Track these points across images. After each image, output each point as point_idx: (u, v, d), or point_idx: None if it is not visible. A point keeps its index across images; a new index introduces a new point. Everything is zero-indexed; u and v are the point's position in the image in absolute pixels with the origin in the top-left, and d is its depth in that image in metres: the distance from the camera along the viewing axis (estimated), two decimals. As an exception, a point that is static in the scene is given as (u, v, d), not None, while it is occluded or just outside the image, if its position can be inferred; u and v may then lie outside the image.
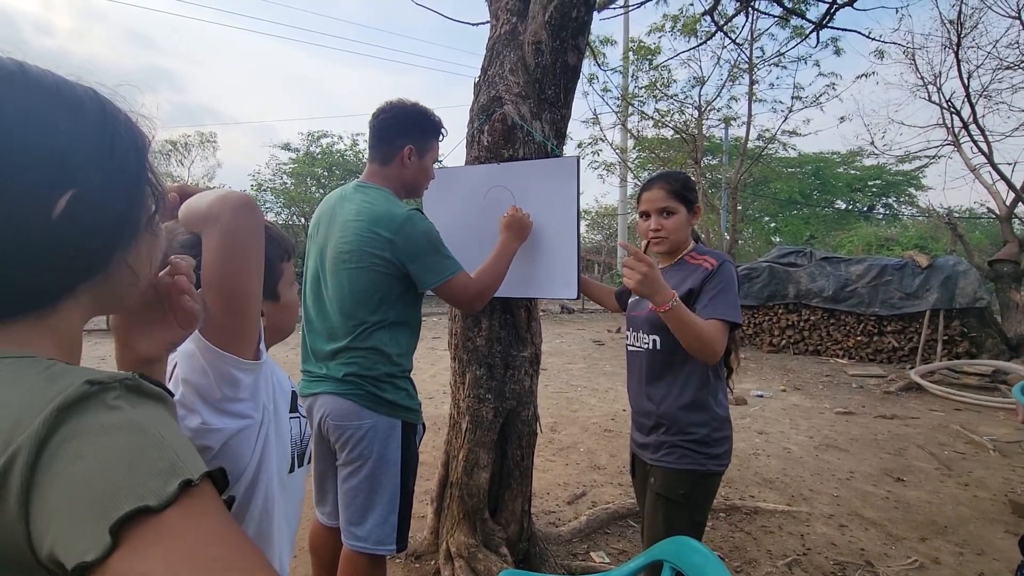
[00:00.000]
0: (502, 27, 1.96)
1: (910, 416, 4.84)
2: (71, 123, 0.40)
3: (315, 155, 17.21)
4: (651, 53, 10.89)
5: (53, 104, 0.40)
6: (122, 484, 0.32)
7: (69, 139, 0.40)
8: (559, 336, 10.00)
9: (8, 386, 0.36)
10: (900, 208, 21.11)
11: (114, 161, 0.43)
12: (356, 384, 1.39)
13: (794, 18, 6.93)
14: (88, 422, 0.34)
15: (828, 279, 7.88)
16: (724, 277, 1.36)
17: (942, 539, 2.58)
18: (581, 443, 3.95)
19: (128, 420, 0.35)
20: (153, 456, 0.34)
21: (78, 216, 0.41)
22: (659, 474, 1.44)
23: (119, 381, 0.37)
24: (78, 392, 0.34)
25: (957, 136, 8.83)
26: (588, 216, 23.71)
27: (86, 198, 0.41)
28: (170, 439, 0.36)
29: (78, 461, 0.32)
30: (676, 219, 1.46)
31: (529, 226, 1.71)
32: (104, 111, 0.43)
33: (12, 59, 0.40)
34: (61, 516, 0.31)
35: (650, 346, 1.46)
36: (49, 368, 0.37)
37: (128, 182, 0.45)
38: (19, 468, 0.32)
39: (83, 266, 0.43)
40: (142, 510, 0.31)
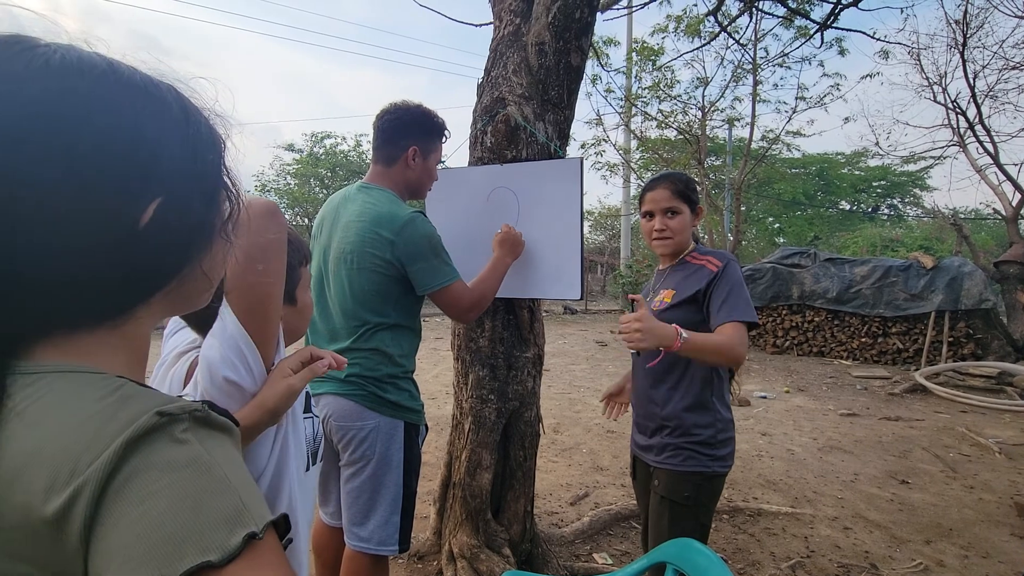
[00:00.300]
0: (505, 28, 1.96)
1: (915, 418, 4.82)
2: (158, 127, 0.39)
3: (319, 156, 17.27)
4: (655, 54, 10.88)
5: (142, 107, 0.38)
6: (186, 533, 0.31)
7: (157, 145, 0.38)
8: (562, 337, 9.99)
9: (75, 406, 0.34)
10: (905, 209, 21.03)
11: (196, 165, 0.41)
12: (359, 385, 1.40)
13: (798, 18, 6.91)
14: (155, 458, 0.33)
15: (832, 280, 7.85)
16: (732, 278, 1.36)
17: (947, 542, 2.57)
18: (584, 444, 3.95)
19: (194, 457, 0.34)
20: (218, 502, 0.33)
21: (164, 224, 0.39)
22: (663, 476, 1.44)
23: (188, 412, 0.36)
24: (148, 423, 0.33)
25: (963, 137, 8.79)
26: (591, 217, 23.68)
27: (172, 205, 0.39)
28: (235, 480, 0.34)
29: (144, 502, 0.31)
30: (681, 219, 1.46)
31: (522, 244, 1.73)
32: (187, 112, 0.41)
33: (101, 55, 0.38)
34: (120, 559, 0.30)
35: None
36: (119, 389, 0.36)
37: (208, 186, 0.43)
38: (84, 502, 0.31)
39: (163, 274, 0.42)
40: (203, 566, 0.30)
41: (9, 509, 0.32)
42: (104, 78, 0.36)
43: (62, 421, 0.34)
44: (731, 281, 1.35)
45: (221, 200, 0.45)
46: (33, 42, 0.35)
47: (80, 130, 0.35)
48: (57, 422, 0.34)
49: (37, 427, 0.34)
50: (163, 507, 0.31)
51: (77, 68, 0.36)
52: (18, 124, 0.33)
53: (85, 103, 0.35)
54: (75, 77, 0.35)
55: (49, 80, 0.34)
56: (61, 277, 0.36)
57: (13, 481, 0.32)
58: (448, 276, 1.44)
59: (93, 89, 0.36)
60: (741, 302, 1.33)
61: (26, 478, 0.32)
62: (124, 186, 0.37)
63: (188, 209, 0.41)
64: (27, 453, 0.33)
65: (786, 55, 10.08)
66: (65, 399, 0.35)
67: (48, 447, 0.33)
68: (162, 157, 0.38)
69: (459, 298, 1.47)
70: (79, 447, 0.32)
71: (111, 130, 0.36)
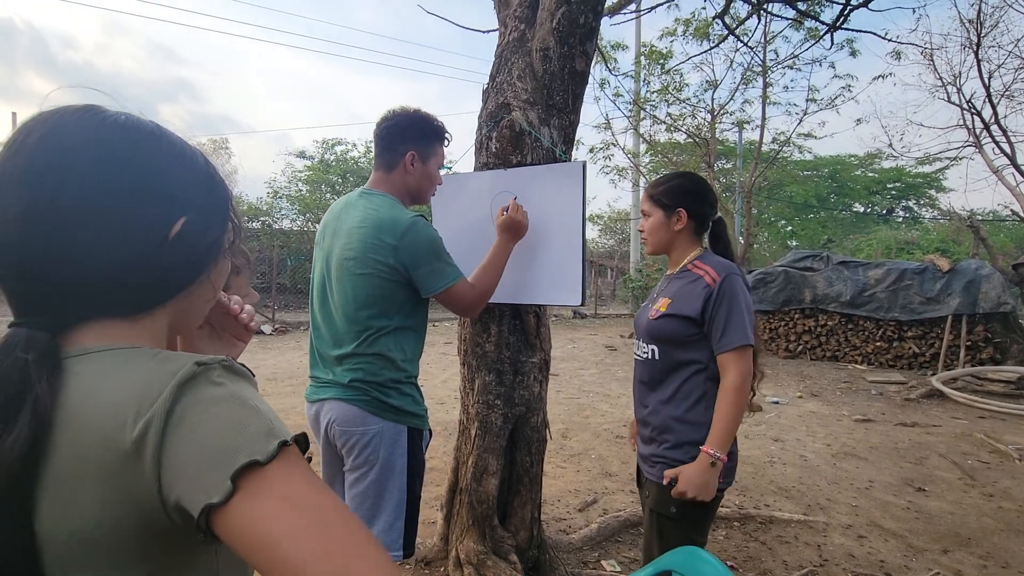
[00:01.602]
0: (510, 34, 1.97)
1: (932, 424, 4.72)
2: (186, 170, 0.53)
3: (329, 162, 17.44)
4: (663, 57, 10.86)
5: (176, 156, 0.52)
6: (235, 444, 0.41)
7: (184, 181, 0.52)
8: (571, 341, 9.96)
9: (128, 368, 0.45)
10: (920, 211, 20.71)
11: (211, 197, 0.55)
12: (362, 390, 1.40)
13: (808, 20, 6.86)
14: (201, 395, 0.43)
15: (846, 284, 7.74)
16: (730, 295, 1.33)
17: (965, 551, 2.51)
18: (592, 450, 3.92)
19: (231, 393, 0.44)
20: (255, 422, 0.43)
21: (187, 237, 0.51)
22: (652, 489, 1.42)
23: (218, 363, 0.46)
24: (191, 371, 0.44)
25: (979, 137, 8.65)
26: (601, 221, 23.64)
27: (194, 223, 0.52)
28: (263, 409, 0.45)
29: (199, 427, 0.42)
30: (651, 222, 1.48)
31: (526, 225, 1.68)
32: (207, 164, 0.56)
33: (152, 122, 0.53)
34: (188, 470, 0.40)
35: (649, 355, 1.45)
36: (158, 354, 0.47)
37: (219, 216, 0.56)
38: (154, 431, 0.41)
39: (182, 278, 0.53)
40: (253, 463, 0.40)
41: (93, 449, 0.41)
42: (151, 136, 0.51)
43: (121, 378, 0.44)
44: (730, 300, 1.32)
45: (228, 228, 0.58)
46: (103, 110, 0.50)
47: (131, 165, 0.48)
48: (117, 379, 0.44)
49: (100, 386, 0.44)
50: (215, 429, 0.42)
51: (134, 127, 0.50)
52: (94, 165, 0.47)
53: (138, 152, 0.49)
54: (132, 133, 0.50)
55: (115, 135, 0.48)
56: (111, 275, 0.48)
57: (90, 427, 0.42)
58: (451, 276, 1.44)
59: (145, 143, 0.50)
60: (737, 325, 1.31)
61: (101, 422, 0.42)
62: (160, 207, 0.50)
63: (204, 229, 0.54)
64: (98, 404, 0.42)
65: (796, 57, 10.01)
66: (117, 364, 0.45)
67: (115, 397, 0.43)
68: (187, 189, 0.52)
69: (463, 295, 1.48)
70: (140, 393, 0.42)
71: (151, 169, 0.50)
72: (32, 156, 0.45)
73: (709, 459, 1.30)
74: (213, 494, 0.39)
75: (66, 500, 0.41)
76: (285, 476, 0.41)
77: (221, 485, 0.39)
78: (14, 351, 0.44)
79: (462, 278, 1.47)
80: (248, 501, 0.40)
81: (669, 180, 1.49)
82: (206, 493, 0.39)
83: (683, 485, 1.31)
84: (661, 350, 1.42)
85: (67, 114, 0.48)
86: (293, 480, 0.42)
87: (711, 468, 1.30)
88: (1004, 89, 8.24)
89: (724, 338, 1.32)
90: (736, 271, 1.38)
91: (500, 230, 1.65)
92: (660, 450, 1.41)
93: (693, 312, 1.35)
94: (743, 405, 1.31)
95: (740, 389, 1.30)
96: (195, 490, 0.40)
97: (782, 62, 10.44)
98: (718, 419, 1.31)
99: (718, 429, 1.31)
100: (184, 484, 0.40)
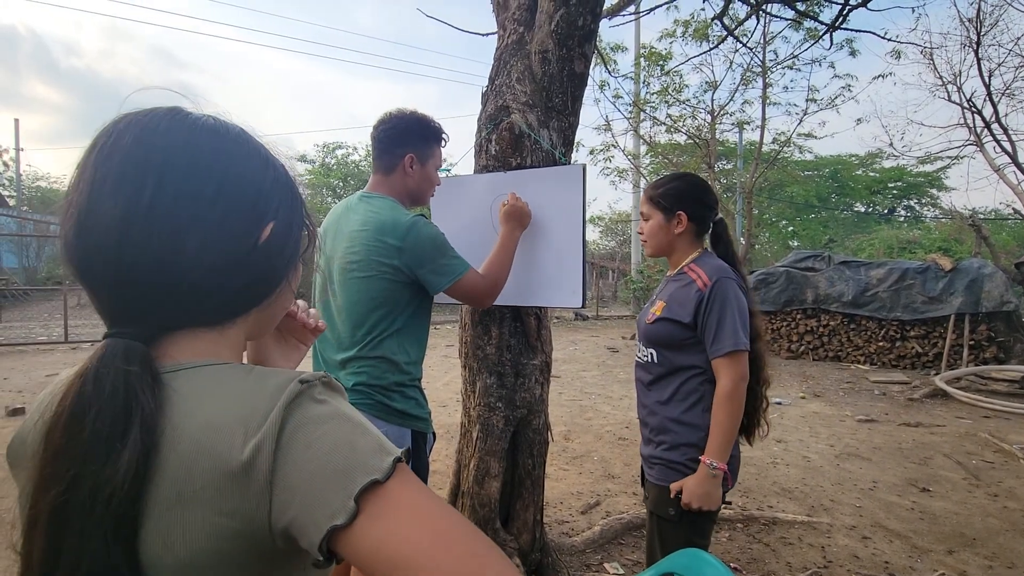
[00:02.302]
0: (509, 37, 1.97)
1: (936, 424, 4.70)
2: (272, 174, 0.52)
3: (330, 166, 17.49)
4: (662, 59, 10.87)
5: (261, 158, 0.52)
6: (351, 464, 0.40)
7: (270, 183, 0.52)
8: (573, 343, 9.95)
9: (227, 387, 0.44)
10: (922, 210, 20.67)
11: (293, 201, 0.54)
12: (365, 394, 1.40)
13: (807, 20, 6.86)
14: (309, 414, 0.42)
15: (847, 283, 7.72)
16: (720, 299, 1.31)
17: (970, 552, 2.49)
18: (595, 452, 3.91)
19: (336, 411, 0.44)
20: (366, 440, 0.43)
21: (274, 242, 0.51)
22: (652, 490, 1.42)
23: (318, 379, 0.45)
24: (296, 389, 0.43)
25: (979, 136, 8.64)
26: (601, 222, 23.64)
27: (280, 228, 0.52)
28: (369, 425, 0.44)
29: (311, 447, 0.41)
30: (650, 224, 1.47)
31: (529, 214, 1.70)
32: (285, 166, 0.55)
33: (238, 125, 0.52)
34: (305, 492, 0.40)
35: (648, 359, 1.45)
36: (252, 371, 0.46)
37: (298, 216, 0.55)
38: (266, 452, 0.40)
39: (269, 284, 0.53)
40: (373, 483, 0.40)
41: (200, 471, 0.40)
42: (240, 140, 0.51)
43: (222, 397, 0.43)
44: (720, 304, 1.31)
45: (304, 233, 0.57)
46: (190, 112, 0.49)
47: (225, 170, 0.48)
48: (218, 399, 0.43)
49: (202, 406, 0.43)
50: (328, 448, 0.41)
51: (224, 131, 0.50)
52: (188, 169, 0.46)
53: (230, 157, 0.49)
54: (223, 137, 0.49)
55: (207, 139, 0.48)
56: (205, 282, 0.47)
57: (198, 450, 0.41)
58: (458, 270, 1.44)
59: (234, 147, 0.50)
60: (727, 330, 1.29)
61: (208, 444, 0.41)
62: (251, 211, 0.49)
63: (289, 231, 0.53)
64: (202, 426, 0.41)
65: (796, 57, 10.01)
66: (215, 382, 0.45)
67: (220, 418, 0.42)
68: (274, 192, 0.52)
69: (474, 286, 1.47)
70: (247, 413, 0.41)
71: (244, 172, 0.50)
72: (127, 158, 0.45)
73: (708, 469, 1.29)
74: (337, 516, 0.39)
75: (170, 525, 0.40)
76: (404, 492, 0.41)
77: (344, 506, 0.39)
78: (114, 362, 0.42)
79: (470, 269, 1.47)
80: (374, 521, 0.39)
81: (669, 182, 1.48)
82: (329, 515, 0.39)
83: (687, 497, 1.31)
84: (659, 353, 1.41)
85: (157, 117, 0.47)
86: (412, 495, 0.41)
87: (711, 479, 1.29)
88: (1005, 87, 8.23)
89: (715, 343, 1.31)
90: (728, 274, 1.35)
91: (503, 220, 1.66)
92: (658, 451, 1.41)
93: (685, 316, 1.35)
94: (738, 411, 1.30)
95: (733, 395, 1.29)
96: (315, 512, 0.39)
97: (782, 62, 10.46)
98: (714, 428, 1.30)
99: (715, 438, 1.30)
100: (300, 506, 0.39)
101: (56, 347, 8.09)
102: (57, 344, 8.25)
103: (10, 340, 8.43)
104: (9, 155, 21.52)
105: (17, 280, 14.44)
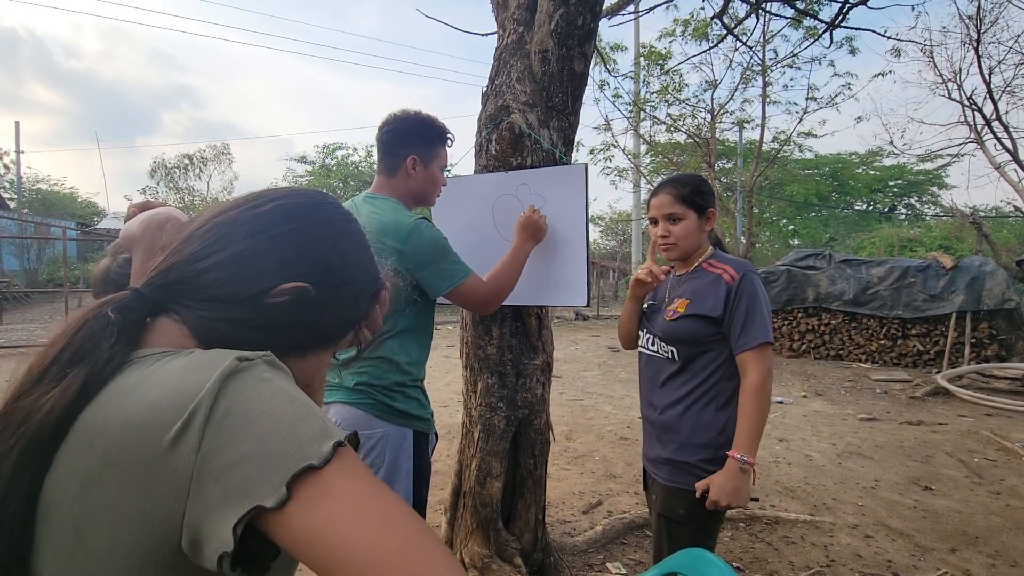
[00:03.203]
0: (509, 37, 1.97)
1: (938, 422, 4.70)
2: (355, 240, 0.61)
3: (330, 167, 17.50)
4: (662, 58, 10.87)
5: (350, 228, 0.61)
6: (288, 447, 0.39)
7: (357, 256, 0.61)
8: (574, 343, 9.94)
9: (169, 365, 0.44)
10: (923, 208, 20.65)
11: (371, 266, 0.63)
12: (367, 393, 1.40)
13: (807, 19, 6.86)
14: (248, 392, 0.41)
15: (849, 282, 7.72)
16: (749, 292, 1.31)
17: (973, 550, 2.49)
18: (596, 451, 3.91)
19: (279, 389, 0.42)
20: (306, 422, 0.41)
21: (357, 300, 0.61)
22: (660, 491, 1.41)
23: (261, 358, 0.45)
24: (232, 366, 0.42)
25: (980, 133, 8.63)
26: (602, 222, 23.62)
27: (360, 289, 0.61)
28: (313, 407, 0.43)
29: (247, 426, 0.39)
30: (684, 225, 1.41)
31: (544, 228, 1.69)
32: (362, 233, 0.63)
33: (355, 219, 0.62)
34: (233, 473, 0.37)
35: (668, 356, 1.42)
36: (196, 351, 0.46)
37: (371, 273, 0.63)
38: (195, 428, 0.38)
39: (343, 330, 0.62)
40: (309, 468, 0.38)
41: (124, 447, 0.39)
42: (355, 232, 0.61)
43: (160, 374, 0.43)
44: (749, 297, 1.31)
45: (375, 280, 0.65)
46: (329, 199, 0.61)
47: (337, 255, 0.58)
48: (158, 375, 0.43)
49: (140, 383, 0.42)
50: (264, 429, 0.39)
51: (347, 221, 0.61)
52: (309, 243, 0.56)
53: (345, 244, 0.59)
54: (343, 226, 0.60)
55: (334, 224, 0.59)
56: (323, 329, 0.58)
57: (126, 424, 0.39)
58: (459, 274, 1.43)
59: (350, 237, 0.60)
60: (758, 323, 1.29)
61: (140, 419, 0.39)
62: (345, 279, 0.59)
63: (362, 292, 0.61)
64: (135, 403, 0.40)
65: (795, 56, 10.00)
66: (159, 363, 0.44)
67: (152, 393, 0.41)
68: (357, 263, 0.61)
69: (475, 292, 1.46)
70: (177, 389, 0.40)
71: (350, 259, 0.59)
72: (265, 217, 0.54)
73: (737, 464, 1.27)
74: (265, 498, 0.37)
75: (84, 503, 0.39)
76: (343, 480, 0.39)
77: (276, 490, 0.37)
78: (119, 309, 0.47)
79: (472, 275, 1.46)
80: (307, 507, 0.37)
81: (691, 181, 1.45)
82: (257, 496, 0.37)
83: (715, 494, 1.27)
84: (682, 351, 1.39)
85: (301, 195, 0.57)
86: (351, 483, 0.39)
87: (741, 474, 1.27)
88: (1005, 85, 8.23)
89: (744, 336, 1.30)
90: (753, 269, 1.36)
91: (518, 230, 1.65)
92: (666, 452, 1.39)
93: (713, 311, 1.33)
94: (767, 404, 1.30)
95: (762, 388, 1.28)
96: (240, 493, 0.37)
97: (781, 61, 10.44)
98: (743, 421, 1.29)
99: (744, 431, 1.28)
100: (223, 492, 0.37)
101: (57, 349, 8.09)
102: (58, 346, 8.25)
103: (11, 342, 8.43)
104: (10, 158, 21.57)
105: (18, 282, 14.46)
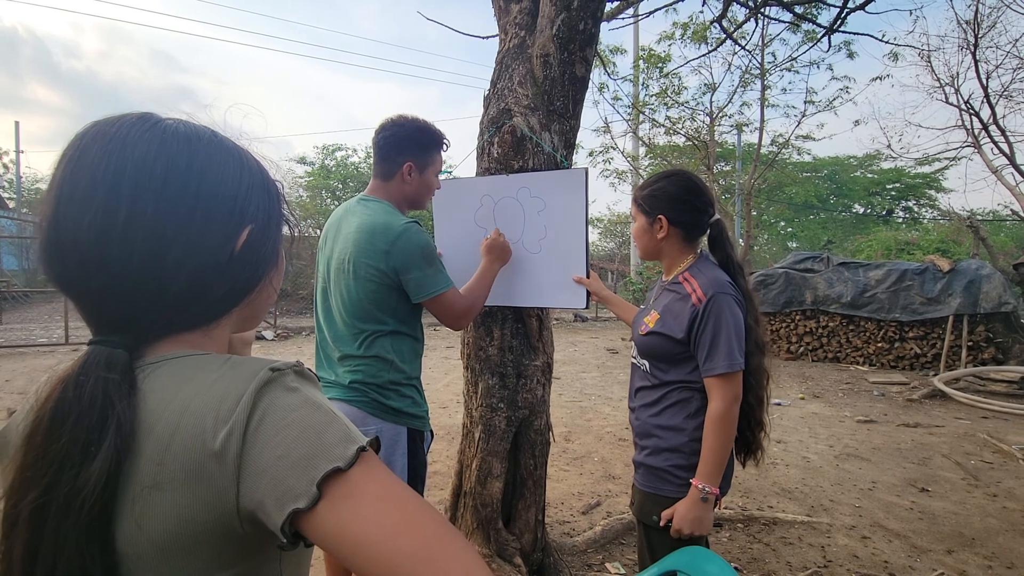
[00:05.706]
0: (511, 41, 1.99)
1: (934, 424, 4.72)
2: (246, 175, 0.52)
3: (330, 168, 17.48)
4: (661, 61, 10.91)
5: (235, 162, 0.51)
6: (315, 451, 0.42)
7: (247, 188, 0.51)
8: (572, 345, 9.96)
9: (202, 375, 0.45)
10: (920, 211, 20.71)
11: (270, 200, 0.54)
12: (361, 391, 1.43)
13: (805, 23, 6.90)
14: (279, 402, 0.44)
15: (846, 285, 7.74)
16: (715, 317, 1.24)
17: (969, 552, 2.51)
18: (595, 452, 3.92)
19: (306, 399, 0.45)
20: (332, 428, 0.44)
21: (253, 245, 0.51)
22: (637, 495, 1.40)
23: (290, 367, 0.47)
24: (266, 376, 0.44)
25: (977, 137, 8.68)
26: (601, 224, 23.65)
27: (257, 231, 0.52)
28: (338, 414, 0.46)
29: (279, 433, 0.42)
30: (634, 227, 1.44)
31: (509, 251, 1.73)
32: (260, 164, 0.55)
33: (208, 128, 0.51)
34: (270, 477, 0.41)
35: (643, 368, 1.42)
36: (228, 359, 0.47)
37: (276, 217, 0.55)
38: (236, 437, 0.41)
39: (249, 285, 0.53)
40: (336, 470, 0.41)
41: (174, 454, 0.42)
42: (212, 145, 0.50)
43: (197, 383, 0.44)
44: (715, 322, 1.24)
45: (281, 227, 0.57)
46: (160, 118, 0.49)
47: (201, 179, 0.48)
48: (193, 385, 0.44)
49: (177, 393, 0.44)
50: (295, 435, 0.42)
51: (196, 137, 0.49)
52: (164, 180, 0.46)
53: (201, 164, 0.48)
54: (195, 143, 0.49)
55: (180, 147, 0.47)
56: (188, 291, 0.48)
57: (173, 433, 0.42)
58: (440, 285, 1.45)
59: (206, 152, 0.49)
60: (721, 350, 1.23)
61: (183, 428, 0.42)
62: (228, 219, 0.49)
63: (267, 231, 0.53)
64: (177, 412, 0.43)
65: (794, 59, 10.05)
66: (192, 370, 0.46)
67: (194, 403, 0.43)
68: (250, 197, 0.51)
69: (451, 305, 1.49)
70: (218, 399, 0.43)
71: (220, 179, 0.49)
72: (97, 170, 0.44)
73: (699, 493, 1.24)
74: (299, 500, 0.40)
75: (144, 508, 0.42)
76: (367, 480, 0.42)
77: (307, 491, 0.40)
78: (96, 370, 0.44)
79: (452, 287, 1.48)
80: (335, 505, 0.41)
81: (655, 182, 1.39)
82: (292, 499, 0.40)
83: (678, 523, 1.26)
84: (652, 365, 1.38)
85: (126, 125, 0.46)
86: (375, 483, 0.43)
87: (702, 503, 1.24)
88: (1002, 89, 8.27)
89: (708, 362, 1.25)
90: (725, 289, 1.27)
91: (484, 252, 1.69)
92: (641, 456, 1.39)
93: (678, 332, 1.29)
94: (730, 433, 1.25)
95: (724, 417, 1.24)
96: (279, 496, 0.41)
97: (780, 65, 10.50)
98: (705, 450, 1.25)
99: (706, 461, 1.24)
100: (266, 490, 0.41)
101: (57, 349, 8.08)
102: (58, 346, 8.23)
103: (10, 342, 8.42)
104: (9, 157, 21.55)
105: (17, 282, 14.42)
